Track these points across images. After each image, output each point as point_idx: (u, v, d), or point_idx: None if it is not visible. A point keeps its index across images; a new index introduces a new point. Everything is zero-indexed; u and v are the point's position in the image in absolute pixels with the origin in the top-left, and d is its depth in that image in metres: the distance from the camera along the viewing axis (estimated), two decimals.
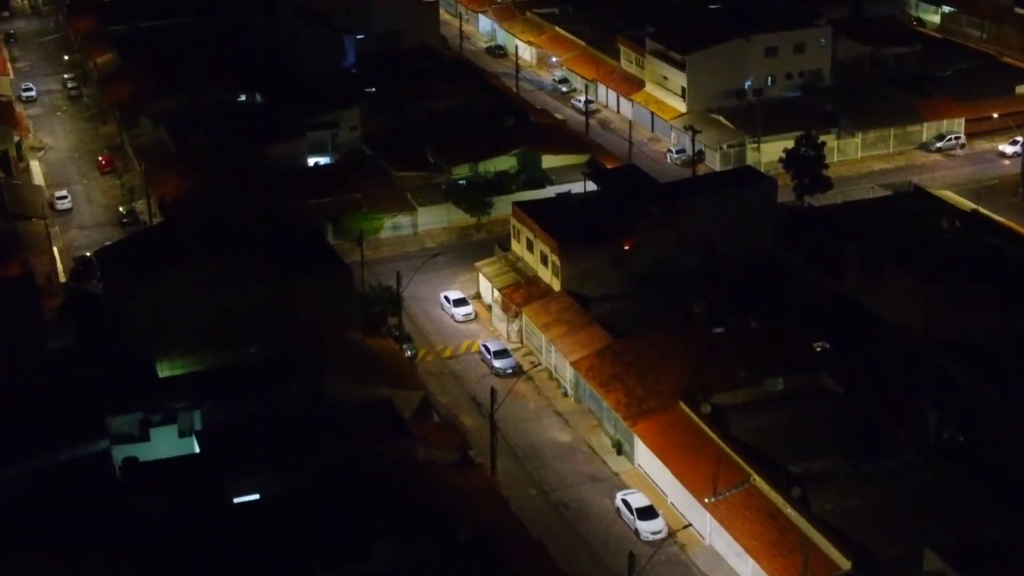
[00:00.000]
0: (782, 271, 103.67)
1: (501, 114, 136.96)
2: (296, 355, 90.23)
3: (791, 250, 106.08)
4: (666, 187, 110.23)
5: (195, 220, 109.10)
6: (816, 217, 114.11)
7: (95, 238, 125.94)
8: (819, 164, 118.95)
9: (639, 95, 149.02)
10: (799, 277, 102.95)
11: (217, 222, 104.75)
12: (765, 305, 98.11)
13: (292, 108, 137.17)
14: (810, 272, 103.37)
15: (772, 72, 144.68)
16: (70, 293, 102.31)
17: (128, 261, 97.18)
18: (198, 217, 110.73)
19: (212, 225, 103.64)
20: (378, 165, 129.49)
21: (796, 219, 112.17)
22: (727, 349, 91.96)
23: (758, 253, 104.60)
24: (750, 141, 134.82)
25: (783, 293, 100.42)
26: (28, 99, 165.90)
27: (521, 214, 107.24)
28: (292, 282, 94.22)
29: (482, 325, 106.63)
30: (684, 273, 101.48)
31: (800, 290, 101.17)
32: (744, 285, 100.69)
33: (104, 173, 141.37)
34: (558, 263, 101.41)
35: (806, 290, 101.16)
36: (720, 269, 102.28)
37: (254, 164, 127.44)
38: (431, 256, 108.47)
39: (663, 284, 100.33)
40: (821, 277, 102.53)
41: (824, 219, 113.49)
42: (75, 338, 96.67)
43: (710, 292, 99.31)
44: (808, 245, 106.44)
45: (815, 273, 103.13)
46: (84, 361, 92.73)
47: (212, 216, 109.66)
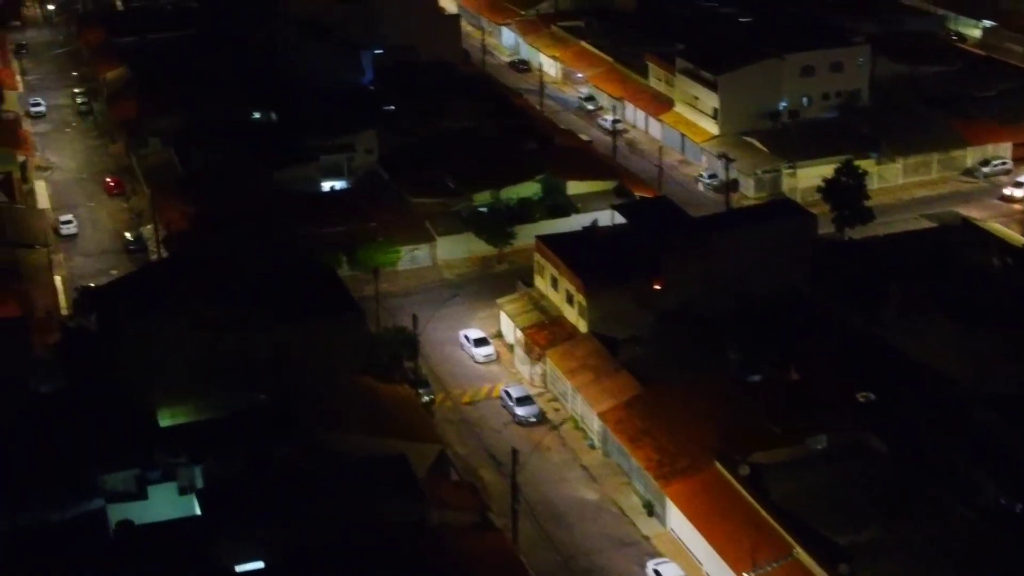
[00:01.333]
0: (821, 312, 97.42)
1: (524, 136, 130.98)
2: (305, 405, 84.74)
3: (830, 289, 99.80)
4: (698, 221, 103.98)
5: (199, 256, 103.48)
6: (857, 252, 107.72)
7: (100, 266, 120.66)
8: (860, 194, 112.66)
9: (668, 115, 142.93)
10: (839, 318, 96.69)
11: (223, 257, 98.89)
12: (803, 349, 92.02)
13: (306, 128, 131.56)
14: (850, 313, 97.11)
15: (808, 92, 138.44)
16: (66, 332, 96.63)
17: (126, 301, 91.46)
18: (203, 252, 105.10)
19: (217, 261, 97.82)
20: (395, 190, 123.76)
21: (835, 254, 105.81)
22: (764, 400, 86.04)
23: (795, 292, 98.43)
24: (785, 166, 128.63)
25: (822, 336, 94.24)
26: (37, 115, 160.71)
27: (545, 249, 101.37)
28: (301, 325, 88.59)
29: (503, 367, 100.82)
30: (717, 313, 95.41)
31: (840, 333, 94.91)
32: (781, 327, 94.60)
33: (112, 195, 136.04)
34: (584, 303, 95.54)
35: (846, 333, 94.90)
36: (755, 309, 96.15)
37: (265, 189, 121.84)
38: (450, 297, 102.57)
39: (695, 325, 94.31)
40: (862, 319, 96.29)
41: (865, 254, 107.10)
42: (70, 381, 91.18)
43: (745, 334, 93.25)
44: (848, 283, 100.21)
45: (856, 314, 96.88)
46: (78, 407, 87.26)
47: (218, 250, 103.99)
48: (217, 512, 74.96)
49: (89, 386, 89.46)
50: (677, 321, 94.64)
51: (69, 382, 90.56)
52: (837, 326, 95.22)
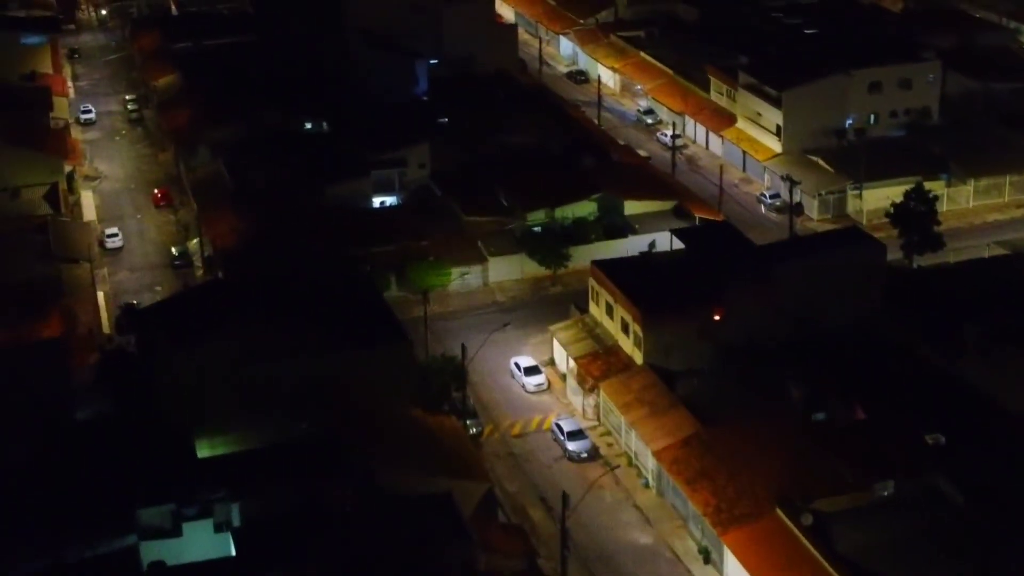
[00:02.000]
0: (890, 346, 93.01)
1: (581, 152, 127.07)
2: (348, 438, 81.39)
3: (899, 321, 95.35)
4: (761, 249, 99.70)
5: (244, 277, 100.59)
6: (927, 281, 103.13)
7: (145, 281, 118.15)
8: (930, 220, 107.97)
9: (730, 131, 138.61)
10: (909, 353, 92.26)
11: (269, 280, 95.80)
12: (871, 387, 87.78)
13: (358, 141, 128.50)
14: (921, 348, 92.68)
15: (875, 110, 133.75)
16: (105, 356, 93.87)
17: (166, 325, 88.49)
18: (249, 273, 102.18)
19: (263, 284, 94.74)
20: (447, 207, 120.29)
21: (904, 283, 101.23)
22: (829, 441, 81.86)
23: (863, 325, 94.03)
24: (851, 187, 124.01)
25: (891, 372, 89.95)
26: (87, 121, 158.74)
27: (600, 275, 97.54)
28: (347, 355, 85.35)
29: (555, 397, 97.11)
30: (780, 346, 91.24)
31: (910, 369, 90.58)
32: (847, 362, 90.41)
33: (159, 207, 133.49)
34: (640, 333, 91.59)
35: (917, 369, 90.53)
36: (820, 343, 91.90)
37: (314, 205, 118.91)
38: (500, 327, 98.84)
39: (756, 358, 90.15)
40: (934, 354, 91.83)
41: (936, 283, 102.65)
42: (108, 406, 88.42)
43: (809, 370, 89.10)
44: (918, 315, 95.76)
45: (927, 349, 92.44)
46: (115, 435, 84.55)
47: (264, 271, 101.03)
48: (252, 553, 71.77)
49: (127, 413, 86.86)
50: (738, 354, 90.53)
51: (107, 409, 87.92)
52: (907, 361, 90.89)
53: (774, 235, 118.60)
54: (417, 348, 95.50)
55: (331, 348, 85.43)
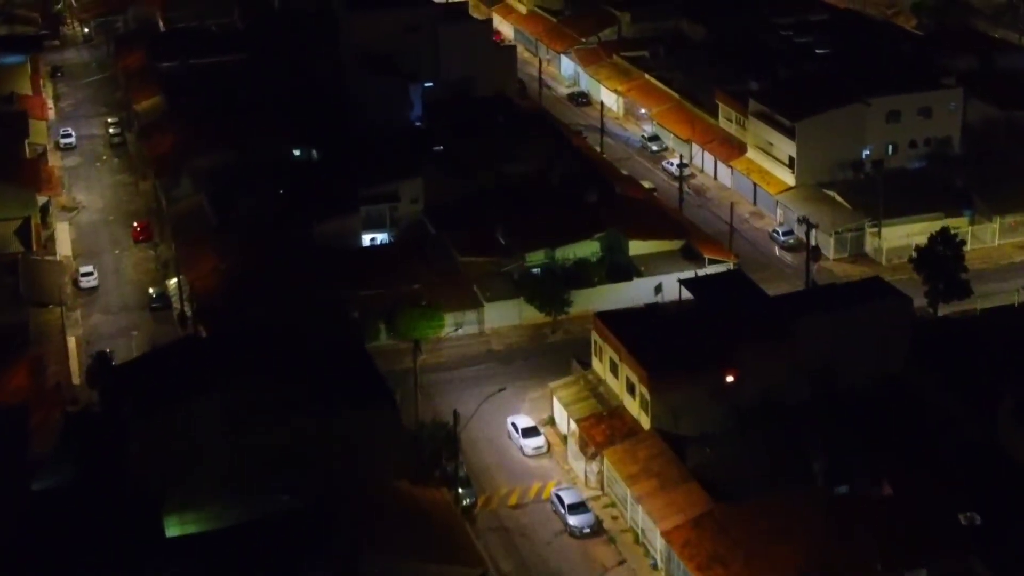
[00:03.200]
0: (917, 408, 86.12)
1: (583, 185, 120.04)
2: (329, 514, 74.71)
3: (927, 380, 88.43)
4: (777, 301, 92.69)
5: (220, 334, 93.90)
6: (954, 331, 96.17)
7: (120, 324, 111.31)
8: (957, 266, 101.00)
9: (739, 161, 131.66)
10: (938, 416, 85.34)
11: (246, 337, 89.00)
12: (898, 455, 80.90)
13: (349, 172, 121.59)
14: (951, 408, 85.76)
15: (894, 140, 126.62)
16: (69, 420, 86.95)
17: (137, 389, 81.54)
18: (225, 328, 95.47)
19: (239, 342, 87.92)
20: (441, 246, 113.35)
21: (930, 335, 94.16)
22: (855, 521, 74.96)
23: (887, 384, 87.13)
24: (869, 224, 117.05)
25: (919, 438, 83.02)
26: (66, 146, 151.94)
27: (603, 329, 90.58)
28: (328, 421, 78.58)
29: (555, 461, 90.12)
30: (800, 409, 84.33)
31: (940, 435, 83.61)
32: (871, 427, 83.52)
33: (138, 242, 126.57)
34: (648, 396, 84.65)
35: (947, 435, 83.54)
36: (842, 404, 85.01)
37: (301, 244, 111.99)
38: (497, 390, 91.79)
39: (774, 422, 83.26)
40: (964, 415, 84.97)
41: (964, 334, 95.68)
42: (70, 475, 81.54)
43: (831, 435, 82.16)
44: (947, 374, 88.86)
45: (957, 409, 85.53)
46: (77, 509, 77.76)
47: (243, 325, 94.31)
48: None
49: (90, 484, 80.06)
50: (754, 418, 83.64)
51: (68, 478, 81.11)
52: (937, 425, 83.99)
53: (788, 278, 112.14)
54: (406, 405, 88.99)
55: (312, 413, 78.64)
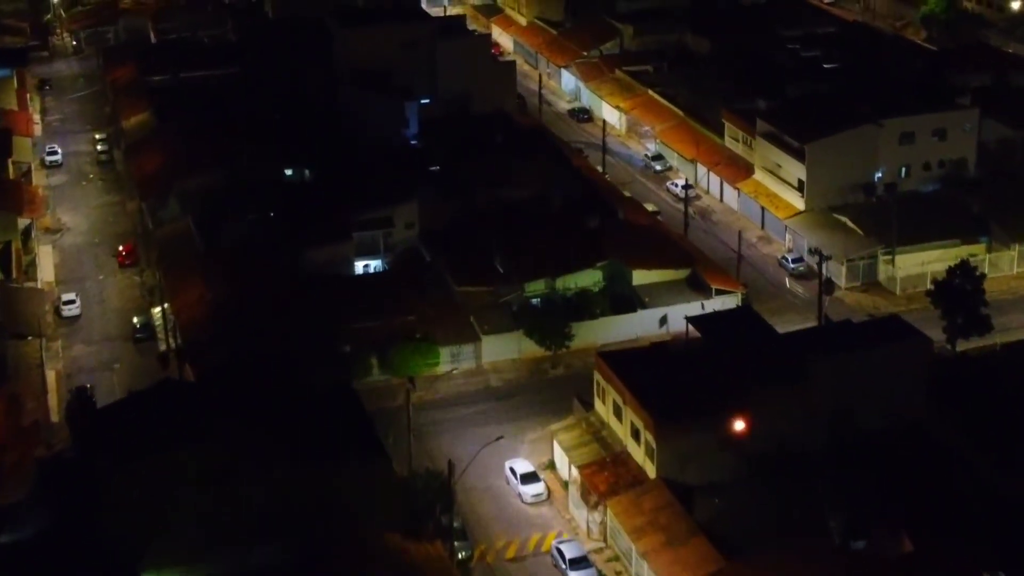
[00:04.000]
0: (937, 453, 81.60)
1: (585, 210, 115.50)
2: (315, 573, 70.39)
3: (947, 425, 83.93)
4: (788, 340, 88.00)
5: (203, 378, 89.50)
6: (974, 370, 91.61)
7: (103, 357, 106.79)
8: (977, 299, 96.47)
9: (747, 184, 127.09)
10: (960, 463, 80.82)
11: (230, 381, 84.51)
12: (918, 506, 76.37)
13: (341, 195, 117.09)
14: (974, 455, 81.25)
15: (907, 162, 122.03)
16: (41, 468, 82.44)
17: (110, 437, 76.90)
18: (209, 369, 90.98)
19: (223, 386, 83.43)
20: (437, 274, 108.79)
21: (949, 373, 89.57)
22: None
23: (907, 428, 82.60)
24: (882, 251, 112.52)
25: (940, 488, 78.48)
26: (52, 164, 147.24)
27: (607, 370, 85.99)
28: (316, 474, 74.04)
29: (556, 509, 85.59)
30: (815, 456, 79.76)
31: (963, 482, 79.07)
32: (890, 474, 78.99)
33: (124, 266, 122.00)
34: (654, 443, 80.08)
35: (969, 484, 79.01)
36: (859, 452, 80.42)
37: (291, 273, 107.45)
38: (494, 440, 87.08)
39: (787, 472, 78.70)
40: (988, 463, 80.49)
41: (984, 374, 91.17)
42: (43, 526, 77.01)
43: (847, 485, 77.69)
44: (968, 415, 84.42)
45: (980, 457, 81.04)
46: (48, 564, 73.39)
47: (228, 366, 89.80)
48: None
49: (63, 538, 75.49)
50: (766, 466, 79.08)
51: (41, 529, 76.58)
52: (961, 476, 79.42)
53: (799, 311, 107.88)
54: (399, 448, 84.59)
55: (297, 466, 74.04)
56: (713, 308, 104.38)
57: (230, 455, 74.23)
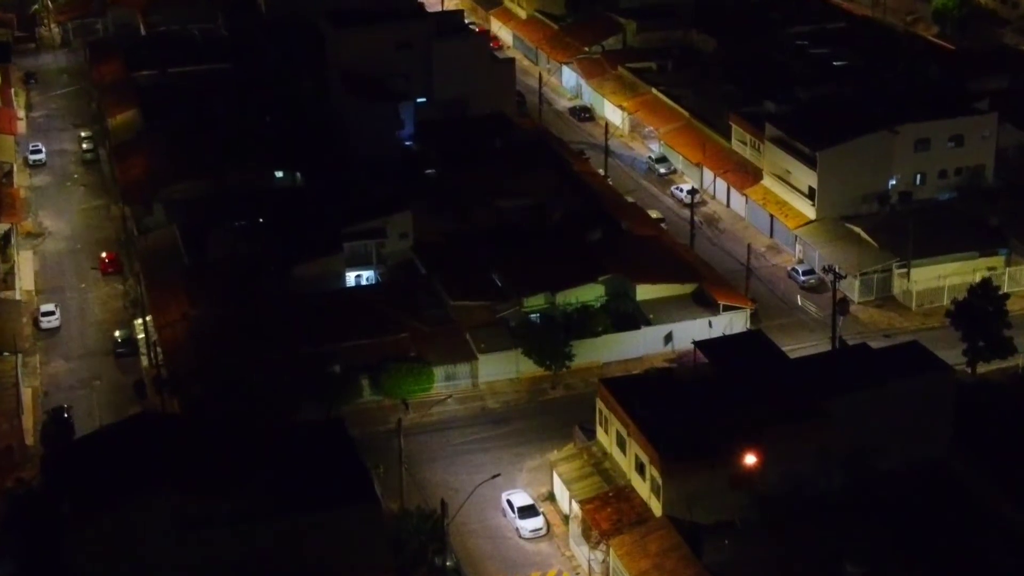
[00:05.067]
0: (962, 496, 76.84)
1: (586, 222, 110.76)
2: None
3: (968, 459, 79.24)
4: (803, 370, 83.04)
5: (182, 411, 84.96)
6: (999, 400, 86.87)
7: (82, 374, 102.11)
8: (999, 321, 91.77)
9: (755, 190, 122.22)
10: (985, 505, 76.19)
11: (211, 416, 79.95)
12: (943, 552, 71.80)
13: (333, 203, 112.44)
14: (999, 500, 76.47)
15: (922, 169, 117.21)
16: (13, 502, 77.81)
17: (83, 476, 72.12)
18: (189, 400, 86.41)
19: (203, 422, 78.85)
20: (432, 288, 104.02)
21: (973, 403, 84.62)
22: None
23: (928, 469, 77.85)
24: (897, 264, 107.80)
25: (964, 532, 73.89)
26: (36, 163, 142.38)
27: (610, 399, 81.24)
28: (301, 521, 69.47)
29: (555, 546, 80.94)
30: (830, 497, 75.16)
31: (987, 526, 74.54)
32: (911, 520, 74.25)
33: (106, 274, 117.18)
34: (660, 480, 75.41)
35: (995, 526, 74.46)
36: (878, 493, 75.78)
37: (279, 288, 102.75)
38: (489, 478, 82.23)
39: (801, 512, 74.13)
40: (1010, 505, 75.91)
41: (1008, 403, 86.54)
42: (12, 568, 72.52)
43: (865, 528, 73.17)
44: (989, 450, 79.73)
45: (1006, 502, 76.28)
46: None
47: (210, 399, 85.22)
48: None
49: None
50: (779, 509, 74.45)
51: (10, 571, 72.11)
52: (986, 515, 74.77)
53: (811, 329, 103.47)
54: (390, 480, 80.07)
55: (283, 511, 69.46)
56: (721, 325, 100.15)
57: (207, 502, 69.61)
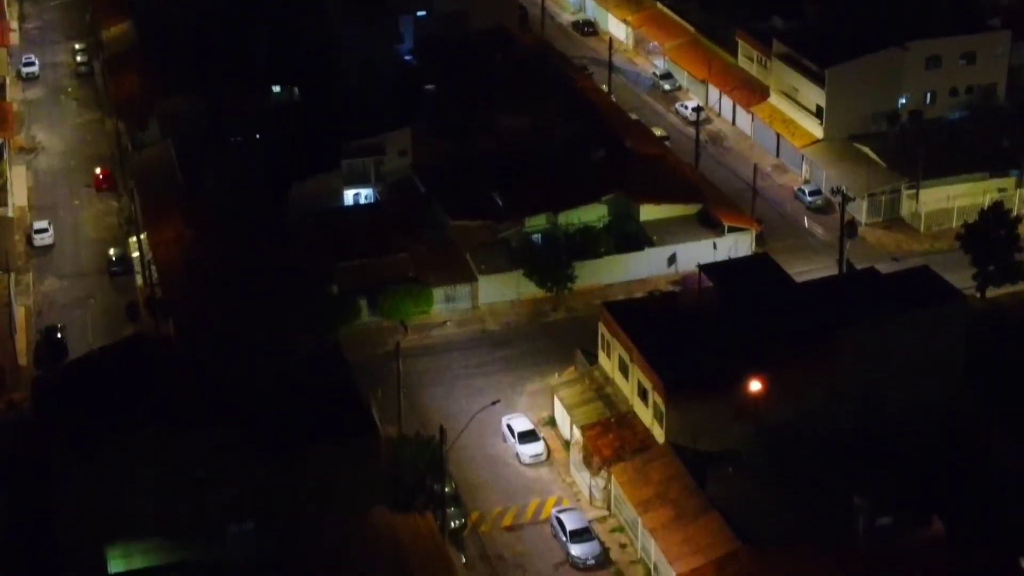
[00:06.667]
0: (972, 430, 75.21)
1: (589, 141, 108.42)
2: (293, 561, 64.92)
3: (981, 396, 77.33)
4: (810, 294, 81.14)
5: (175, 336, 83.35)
6: (1010, 330, 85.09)
7: (76, 292, 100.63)
8: (1011, 247, 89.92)
9: (761, 108, 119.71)
10: (994, 440, 74.61)
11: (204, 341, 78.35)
12: (952, 487, 70.42)
13: (331, 119, 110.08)
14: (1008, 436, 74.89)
15: (933, 88, 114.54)
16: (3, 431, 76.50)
17: (70, 413, 70.40)
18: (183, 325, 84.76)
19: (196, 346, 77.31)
20: (431, 208, 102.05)
21: (984, 331, 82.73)
22: (900, 566, 64.89)
23: (938, 404, 76.04)
24: (906, 185, 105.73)
25: (974, 469, 72.32)
26: (29, 76, 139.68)
27: (613, 324, 79.65)
28: (297, 454, 68.06)
29: (556, 471, 79.74)
30: (837, 431, 73.43)
31: (998, 463, 72.95)
32: (920, 454, 72.71)
33: (100, 191, 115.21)
34: (663, 408, 74.02)
35: (1007, 464, 72.91)
36: (886, 426, 74.11)
37: (275, 208, 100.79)
38: (489, 404, 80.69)
39: (807, 444, 72.65)
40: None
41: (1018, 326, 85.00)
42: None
43: (872, 459, 71.81)
44: (1004, 384, 78.08)
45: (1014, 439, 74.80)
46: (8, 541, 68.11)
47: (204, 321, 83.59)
48: None
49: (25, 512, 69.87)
50: (785, 442, 72.84)
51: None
52: (998, 455, 73.26)
53: (817, 252, 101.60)
54: (388, 405, 78.72)
55: (279, 444, 67.97)
56: (726, 246, 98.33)
57: (197, 440, 68.11)
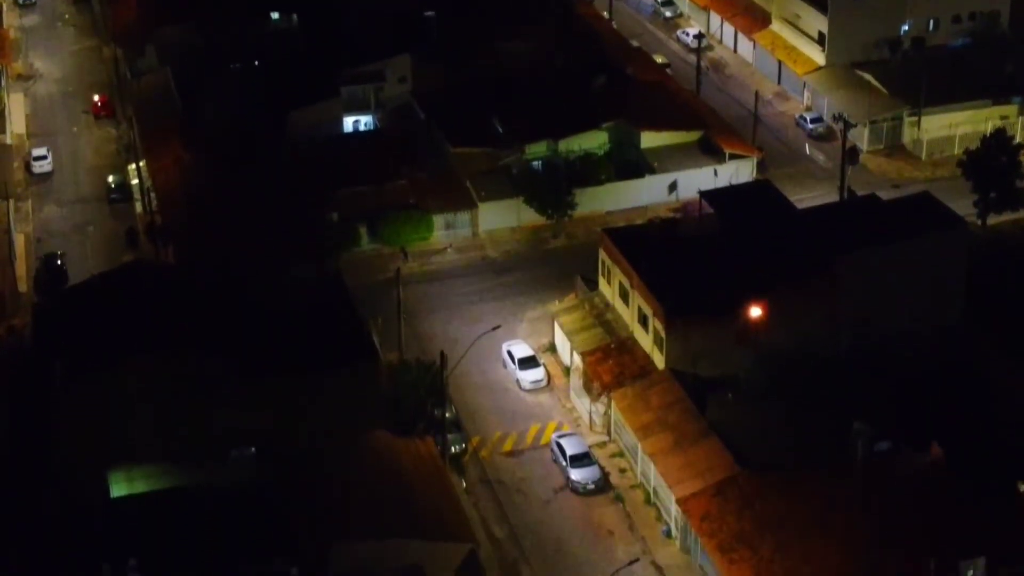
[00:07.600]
0: (972, 356, 75.32)
1: (590, 67, 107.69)
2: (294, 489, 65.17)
3: (983, 323, 77.40)
4: (810, 220, 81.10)
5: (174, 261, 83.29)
6: (1011, 255, 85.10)
7: (75, 219, 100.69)
8: (1012, 174, 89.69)
9: (763, 35, 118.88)
10: (994, 365, 74.77)
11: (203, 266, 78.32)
12: (951, 415, 70.64)
13: (329, 45, 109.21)
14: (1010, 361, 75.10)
15: (936, 14, 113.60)
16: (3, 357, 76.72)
17: (70, 338, 70.57)
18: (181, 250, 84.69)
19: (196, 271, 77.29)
20: (431, 135, 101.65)
21: (986, 256, 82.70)
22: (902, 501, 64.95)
23: (940, 332, 76.14)
24: (908, 113, 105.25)
25: (974, 395, 72.50)
26: (26, 2, 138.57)
27: (613, 250, 79.65)
28: (298, 380, 68.35)
29: (556, 397, 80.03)
30: (837, 357, 73.61)
31: (998, 389, 73.14)
32: (920, 380, 72.85)
33: (99, 118, 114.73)
34: (663, 334, 74.16)
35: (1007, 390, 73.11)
36: (887, 354, 74.19)
37: (274, 135, 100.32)
38: (490, 330, 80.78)
39: (806, 370, 72.77)
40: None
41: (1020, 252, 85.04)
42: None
43: (871, 385, 71.98)
44: (1004, 310, 78.19)
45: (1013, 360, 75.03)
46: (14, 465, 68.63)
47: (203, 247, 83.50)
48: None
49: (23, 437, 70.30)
50: (785, 368, 72.93)
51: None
52: (997, 382, 73.39)
53: (819, 179, 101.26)
54: (389, 332, 78.85)
55: (280, 370, 68.30)
56: (727, 174, 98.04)
57: (203, 360, 68.37)
